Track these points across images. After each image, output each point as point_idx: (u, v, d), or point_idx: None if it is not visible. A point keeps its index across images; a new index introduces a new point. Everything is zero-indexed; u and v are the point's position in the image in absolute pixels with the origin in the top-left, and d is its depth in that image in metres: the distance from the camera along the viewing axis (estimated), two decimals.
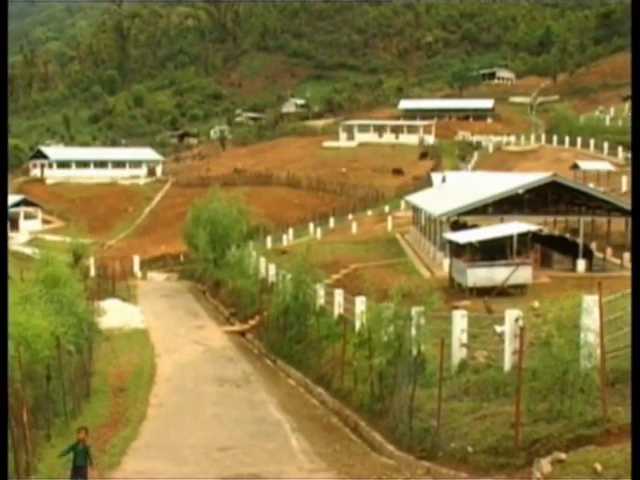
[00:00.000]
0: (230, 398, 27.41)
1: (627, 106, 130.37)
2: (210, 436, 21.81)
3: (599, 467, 12.22)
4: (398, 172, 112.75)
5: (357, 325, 27.57)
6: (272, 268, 44.09)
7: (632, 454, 9.23)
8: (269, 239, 73.46)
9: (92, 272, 58.37)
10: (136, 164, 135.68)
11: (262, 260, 48.05)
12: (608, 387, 15.08)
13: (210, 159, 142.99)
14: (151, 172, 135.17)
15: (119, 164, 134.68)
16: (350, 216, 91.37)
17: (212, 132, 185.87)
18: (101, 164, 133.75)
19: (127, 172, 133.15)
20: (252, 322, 42.40)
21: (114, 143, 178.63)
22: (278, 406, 26.14)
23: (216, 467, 18.64)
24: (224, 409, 25.48)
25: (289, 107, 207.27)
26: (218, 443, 20.90)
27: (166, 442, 21.30)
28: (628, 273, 41.09)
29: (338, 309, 32.36)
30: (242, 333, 42.34)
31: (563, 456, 13.08)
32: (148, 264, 76.81)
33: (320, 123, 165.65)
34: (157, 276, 72.03)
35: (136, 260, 71.57)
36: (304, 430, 22.70)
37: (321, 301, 34.37)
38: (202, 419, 24.11)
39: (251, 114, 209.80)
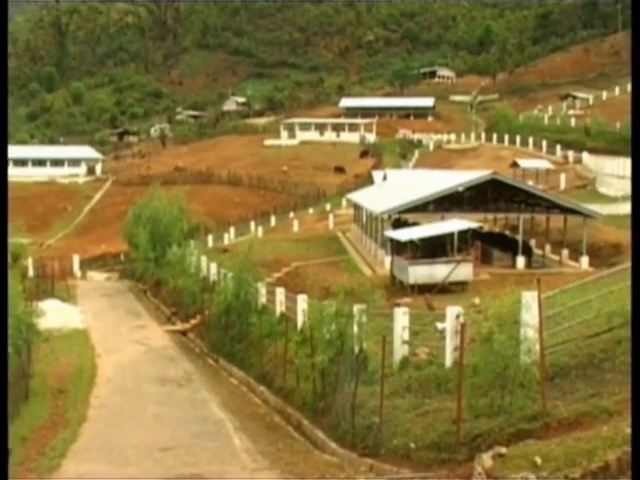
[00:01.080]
0: (172, 398, 27.22)
1: (565, 105, 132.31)
2: (152, 436, 21.62)
3: (539, 460, 12.35)
4: (340, 170, 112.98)
5: (299, 323, 27.63)
6: (213, 267, 43.92)
7: (632, 454, 9.33)
8: (210, 238, 73.18)
9: (30, 272, 57.60)
10: (75, 162, 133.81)
11: (203, 259, 47.83)
12: (547, 382, 15.25)
13: (150, 157, 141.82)
14: (90, 171, 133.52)
15: (58, 162, 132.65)
16: (291, 214, 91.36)
17: (152, 130, 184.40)
18: (39, 162, 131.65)
19: (66, 171, 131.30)
20: (194, 321, 42.19)
21: (52, 141, 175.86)
22: (220, 405, 26.01)
23: (158, 468, 18.47)
24: (166, 409, 25.29)
25: (230, 105, 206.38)
26: (160, 443, 20.73)
27: (107, 443, 21.06)
28: (567, 269, 41.82)
29: (280, 307, 32.34)
30: (184, 332, 42.10)
31: (504, 450, 13.19)
32: (88, 264, 76.00)
33: (261, 121, 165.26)
34: (97, 276, 71.27)
35: (76, 260, 70.77)
36: (247, 429, 22.61)
37: (263, 300, 34.30)
38: (144, 419, 23.90)
39: (192, 112, 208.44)
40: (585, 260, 43.29)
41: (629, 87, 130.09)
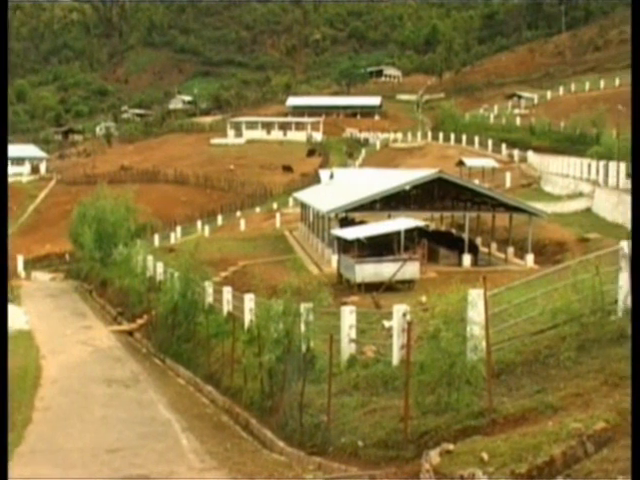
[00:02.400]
0: (118, 399, 26.95)
1: (510, 104, 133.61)
2: (98, 438, 21.38)
3: (485, 456, 12.43)
4: (288, 169, 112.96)
5: (246, 322, 27.53)
6: (160, 266, 43.62)
7: (632, 454, 9.39)
8: (157, 237, 72.68)
9: None
10: (19, 161, 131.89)
11: (150, 258, 47.47)
12: (493, 378, 15.35)
13: (96, 156, 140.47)
14: (35, 169, 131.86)
15: None
16: (238, 213, 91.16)
17: (98, 129, 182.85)
18: None
19: (9, 169, 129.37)
20: (140, 321, 41.87)
21: None
22: (168, 405, 25.82)
23: (105, 470, 18.28)
24: (112, 410, 25.03)
25: (176, 104, 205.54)
26: (107, 445, 20.51)
27: (52, 446, 20.79)
28: (512, 267, 42.22)
29: (227, 307, 32.23)
30: (130, 333, 41.77)
31: (451, 447, 13.25)
32: (32, 264, 75.08)
33: (208, 120, 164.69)
34: (42, 276, 70.40)
35: (20, 260, 69.84)
36: (194, 429, 22.48)
37: (210, 299, 34.16)
38: (90, 421, 23.63)
39: (137, 110, 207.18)
40: (530, 258, 43.74)
41: (573, 87, 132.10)
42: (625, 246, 15.91)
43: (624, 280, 16.04)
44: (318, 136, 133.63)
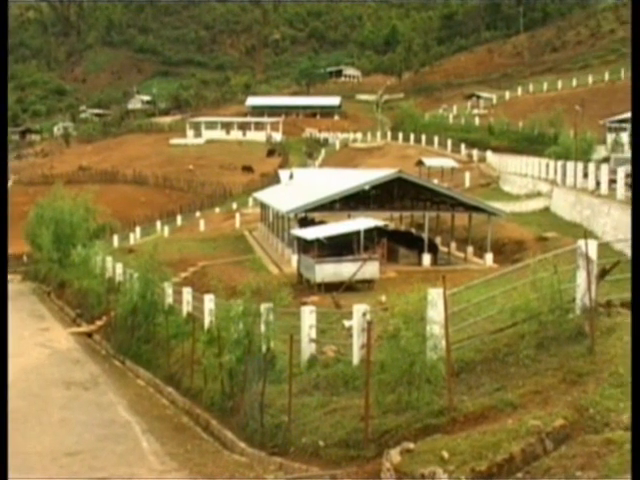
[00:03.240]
0: (78, 401, 26.73)
1: (469, 104, 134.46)
2: (57, 441, 21.18)
3: (446, 454, 12.48)
4: (248, 169, 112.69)
5: (206, 323, 27.44)
6: (119, 267, 43.35)
7: (632, 454, 9.42)
8: (116, 238, 72.21)
9: None
10: None
11: (109, 259, 47.17)
12: (453, 377, 15.41)
13: (54, 156, 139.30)
14: None
15: None
16: (198, 214, 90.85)
17: (55, 129, 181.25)
18: None
19: None
20: (99, 323, 41.61)
21: None
22: (127, 407, 25.65)
23: (64, 473, 18.11)
24: (71, 413, 24.82)
25: (135, 103, 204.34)
26: (66, 448, 20.33)
27: (11, 450, 20.52)
28: (472, 266, 42.46)
29: (187, 307, 32.11)
30: (89, 334, 41.47)
31: (412, 446, 13.29)
32: None
33: (167, 120, 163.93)
34: None
35: None
36: (154, 431, 22.35)
37: (169, 300, 34.02)
38: (48, 424, 23.40)
39: (96, 110, 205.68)
40: (489, 257, 44.01)
41: (531, 87, 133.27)
42: (582, 245, 16.05)
43: (582, 278, 16.17)
44: (278, 136, 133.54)
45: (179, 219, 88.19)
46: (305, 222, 46.91)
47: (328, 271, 36.95)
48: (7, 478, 13.37)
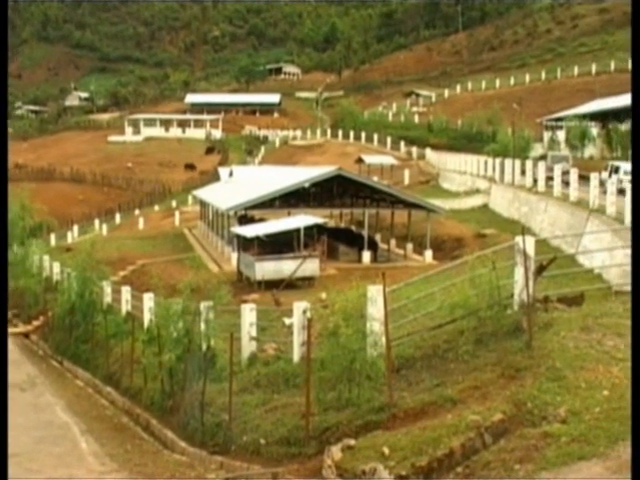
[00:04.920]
0: (14, 403, 26.18)
1: (408, 102, 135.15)
2: None
3: (386, 450, 12.54)
4: (191, 167, 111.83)
5: (146, 322, 27.22)
6: (56, 266, 42.82)
7: (632, 455, 9.47)
8: (53, 236, 71.27)
9: None
10: None
11: (46, 258, 46.58)
12: (393, 373, 15.49)
13: None
14: None
15: None
16: (137, 212, 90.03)
17: None
18: None
19: None
20: (36, 323, 41.10)
21: None
22: (66, 408, 25.30)
23: None
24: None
25: (72, 100, 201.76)
26: None
27: None
28: (411, 263, 42.73)
29: (126, 306, 31.84)
30: (26, 335, 40.91)
31: (352, 442, 13.33)
32: None
33: (105, 117, 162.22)
34: None
35: None
36: (94, 432, 22.07)
37: (108, 299, 33.72)
38: None
39: (32, 107, 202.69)
40: (429, 254, 44.33)
41: (470, 85, 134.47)
42: (520, 241, 16.23)
43: (519, 275, 16.36)
44: (217, 133, 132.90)
45: (118, 217, 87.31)
46: (245, 220, 46.79)
47: (268, 269, 36.94)
48: (7, 478, 13.14)
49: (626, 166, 48.80)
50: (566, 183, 42.16)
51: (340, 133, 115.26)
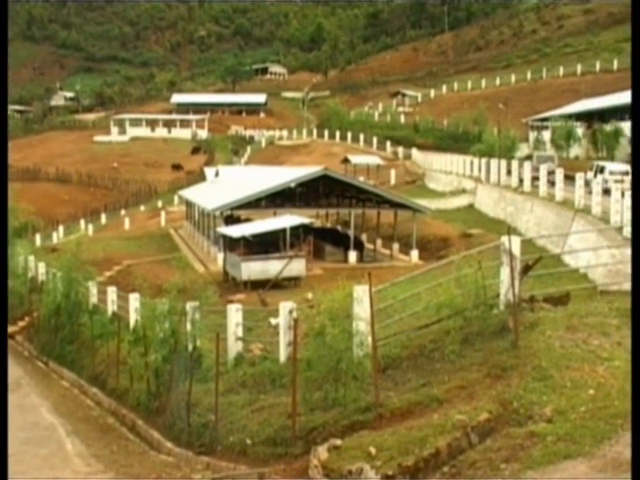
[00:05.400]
0: None
1: (394, 102, 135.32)
2: None
3: (373, 450, 12.54)
4: (178, 167, 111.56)
5: (132, 322, 27.10)
6: (42, 267, 42.66)
7: (632, 455, 9.48)
8: (38, 237, 71.03)
9: None
10: None
11: (31, 259, 46.39)
12: (380, 373, 15.50)
13: None
14: None
15: None
16: (123, 212, 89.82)
17: None
18: None
19: None
20: (22, 324, 40.90)
21: None
22: (51, 409, 25.21)
23: None
24: None
25: (58, 100, 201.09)
26: None
27: None
28: (397, 263, 42.77)
29: (112, 307, 31.71)
30: (11, 335, 40.70)
31: (339, 442, 13.32)
32: None
33: (91, 117, 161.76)
34: None
35: None
36: (79, 433, 21.99)
37: (94, 299, 33.54)
38: None
39: (17, 107, 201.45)
40: (415, 254, 44.39)
41: (456, 86, 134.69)
42: (506, 241, 16.26)
43: (505, 274, 16.39)
44: (203, 133, 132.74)
45: (103, 217, 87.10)
46: (231, 220, 46.77)
47: (254, 269, 36.92)
48: (7, 478, 13.07)
49: (611, 166, 49.05)
50: (552, 183, 42.26)
51: (326, 133, 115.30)
